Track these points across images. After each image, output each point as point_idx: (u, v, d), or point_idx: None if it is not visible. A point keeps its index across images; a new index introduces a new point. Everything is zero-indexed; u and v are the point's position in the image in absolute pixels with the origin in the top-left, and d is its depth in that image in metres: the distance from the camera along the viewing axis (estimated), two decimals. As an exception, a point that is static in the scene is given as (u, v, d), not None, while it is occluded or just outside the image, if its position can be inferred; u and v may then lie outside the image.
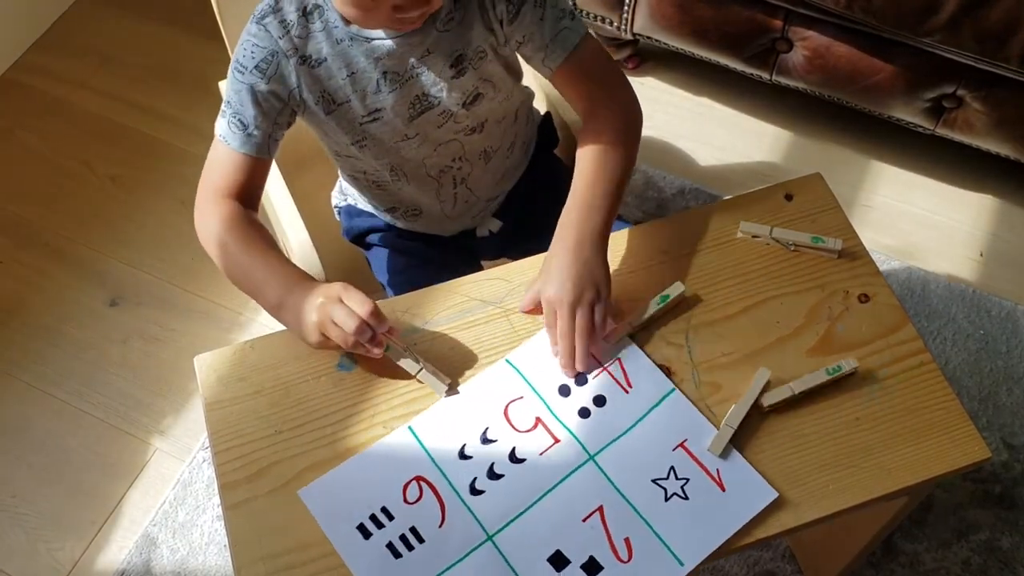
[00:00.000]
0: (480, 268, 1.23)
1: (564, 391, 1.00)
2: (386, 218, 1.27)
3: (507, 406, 0.99)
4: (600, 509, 0.92)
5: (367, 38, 1.03)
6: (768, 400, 0.98)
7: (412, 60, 1.05)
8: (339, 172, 1.26)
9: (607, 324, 1.01)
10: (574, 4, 1.85)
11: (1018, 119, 1.65)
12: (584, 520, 0.92)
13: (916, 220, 1.83)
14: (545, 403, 0.99)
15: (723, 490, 0.93)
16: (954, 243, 1.80)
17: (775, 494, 0.92)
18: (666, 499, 0.93)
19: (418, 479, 0.95)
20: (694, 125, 1.96)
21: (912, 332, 1.04)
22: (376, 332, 0.96)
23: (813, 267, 1.08)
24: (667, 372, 1.01)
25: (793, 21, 1.68)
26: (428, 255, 1.27)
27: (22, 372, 1.69)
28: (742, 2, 1.69)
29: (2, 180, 1.93)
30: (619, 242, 1.11)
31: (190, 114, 1.98)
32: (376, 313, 0.95)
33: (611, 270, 1.07)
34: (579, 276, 1.00)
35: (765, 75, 1.80)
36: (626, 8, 1.80)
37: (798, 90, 1.81)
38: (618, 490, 0.93)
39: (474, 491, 0.94)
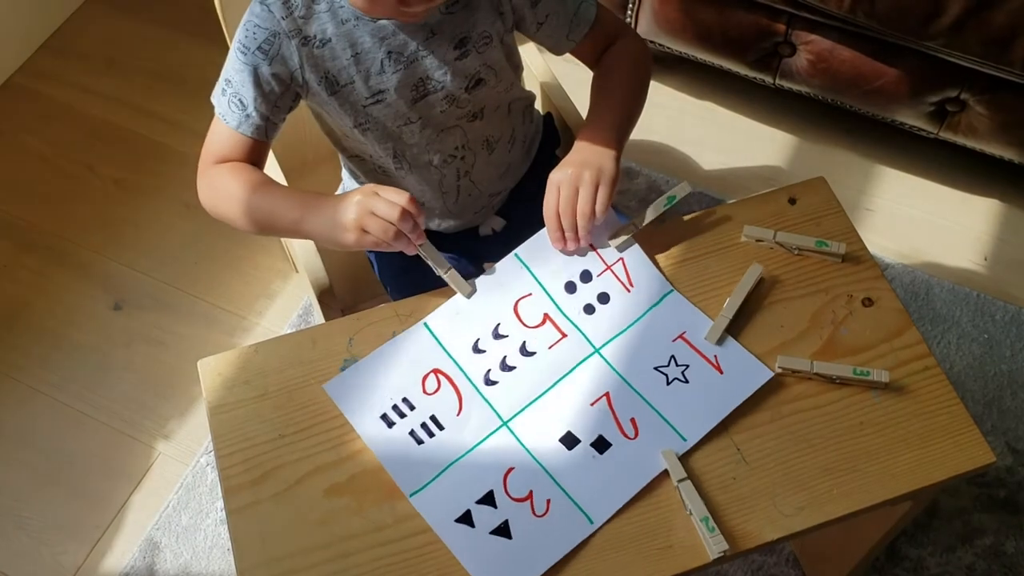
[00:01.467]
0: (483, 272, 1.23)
1: (570, 288, 1.05)
2: None
3: (517, 303, 1.05)
4: (607, 395, 0.99)
5: (373, 18, 1.04)
6: (782, 363, 0.99)
7: (416, 42, 1.05)
8: (342, 161, 1.26)
9: (606, 207, 1.04)
10: None
11: (1022, 123, 1.65)
12: (592, 404, 0.98)
13: (920, 224, 1.83)
14: (552, 300, 1.04)
15: (721, 373, 0.99)
16: (958, 247, 1.80)
17: (771, 374, 0.98)
18: (668, 383, 0.99)
19: (436, 371, 1.01)
20: (697, 129, 1.96)
21: (916, 336, 1.03)
22: (417, 221, 0.99)
23: (817, 271, 1.08)
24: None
25: (796, 25, 1.68)
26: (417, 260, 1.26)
27: (25, 376, 1.69)
28: (745, 6, 1.69)
29: (6, 183, 1.93)
30: (622, 246, 1.11)
31: (194, 118, 1.98)
32: (415, 201, 0.98)
33: (615, 274, 1.07)
34: (584, 160, 1.05)
35: (768, 79, 1.80)
36: (630, 12, 1.80)
37: (801, 94, 1.81)
38: (623, 378, 1.00)
39: (488, 382, 1.00)
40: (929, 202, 1.86)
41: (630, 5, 1.79)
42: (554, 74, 1.39)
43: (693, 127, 1.97)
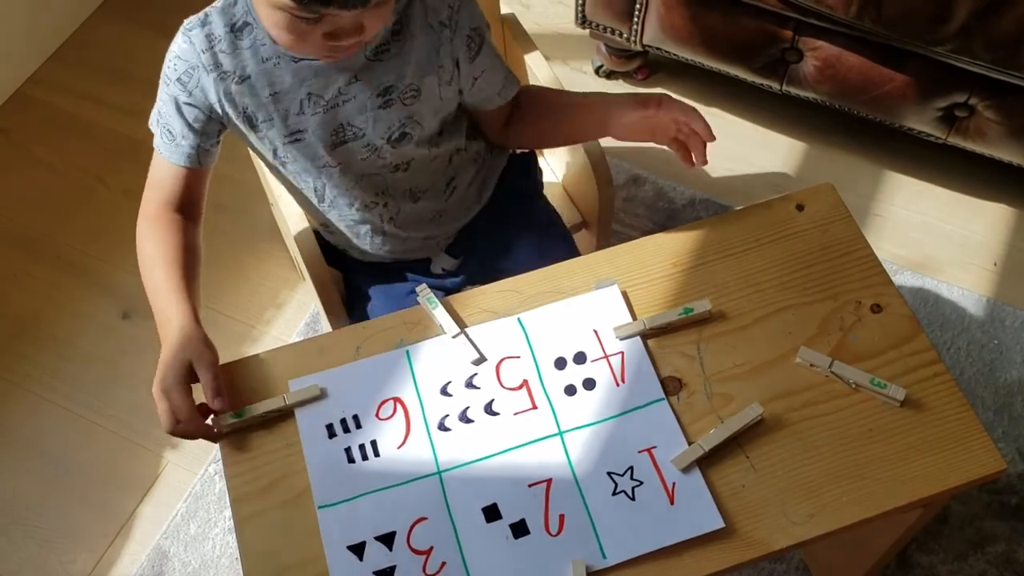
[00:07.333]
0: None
1: (560, 364, 1.02)
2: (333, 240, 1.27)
3: (501, 360, 1.02)
4: (548, 481, 0.95)
5: (294, 58, 1.03)
6: (803, 355, 1.00)
7: (338, 86, 1.05)
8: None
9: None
10: (583, 14, 1.85)
11: (1031, 128, 1.64)
12: (530, 486, 0.95)
13: (929, 230, 1.82)
14: (538, 369, 1.02)
15: (672, 503, 0.93)
16: (967, 252, 1.79)
17: (721, 524, 0.92)
18: (614, 493, 0.94)
19: (396, 400, 1.00)
20: (704, 136, 1.96)
21: (925, 342, 1.03)
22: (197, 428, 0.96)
23: (825, 278, 1.07)
24: (679, 384, 1.01)
25: (803, 31, 1.68)
26: (381, 281, 1.27)
27: (35, 385, 1.70)
28: (751, 12, 1.69)
29: (15, 194, 1.94)
30: (630, 253, 1.11)
31: (202, 128, 1.99)
32: (192, 422, 0.95)
33: (622, 280, 1.08)
34: (650, 97, 1.11)
35: (775, 85, 1.80)
36: (635, 19, 1.80)
37: (809, 100, 1.81)
38: (572, 470, 0.95)
39: (442, 427, 0.98)
40: (938, 208, 1.85)
41: (635, 13, 1.79)
42: (562, 84, 1.38)
43: (700, 134, 1.96)
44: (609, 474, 0.95)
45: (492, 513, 0.93)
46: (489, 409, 0.99)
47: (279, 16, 0.93)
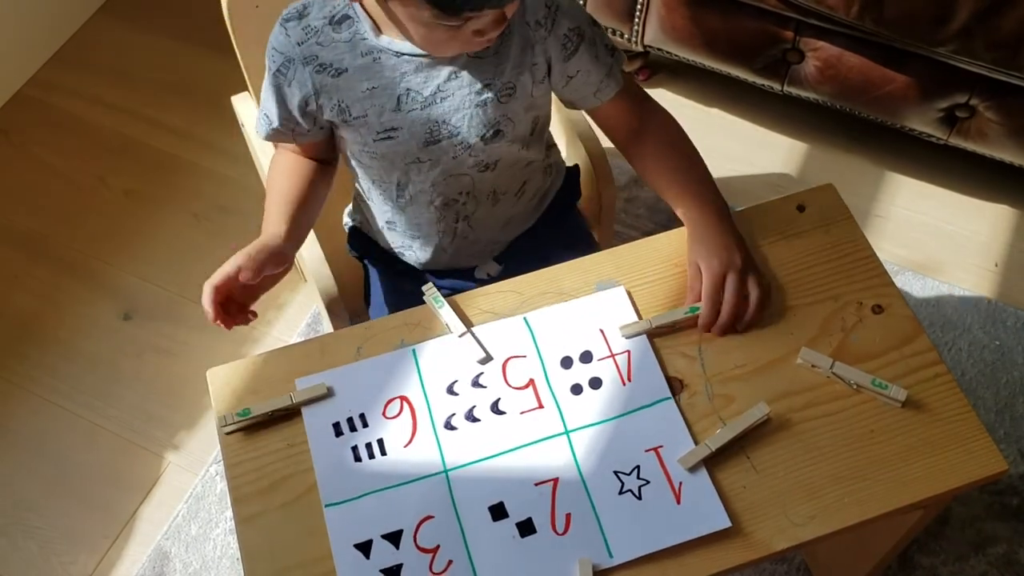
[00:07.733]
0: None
1: (566, 363, 1.02)
2: (386, 240, 1.27)
3: (508, 359, 1.02)
4: (555, 481, 0.95)
5: (397, 52, 1.03)
6: (805, 356, 0.99)
7: (438, 82, 1.04)
8: (353, 176, 1.26)
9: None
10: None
11: (1032, 128, 1.64)
12: (536, 485, 0.94)
13: (930, 230, 1.82)
14: (544, 369, 1.02)
15: (678, 503, 0.93)
16: (969, 253, 1.79)
17: (727, 523, 0.92)
18: (620, 492, 0.94)
19: (402, 398, 1.00)
20: (706, 137, 1.94)
21: (927, 343, 1.03)
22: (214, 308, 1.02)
23: (827, 278, 1.07)
24: (680, 384, 1.01)
25: (804, 32, 1.68)
26: (417, 288, 1.27)
27: (36, 386, 1.70)
28: (752, 13, 1.69)
29: (17, 195, 1.94)
30: (631, 253, 1.11)
31: (203, 129, 1.99)
32: (217, 301, 1.03)
33: (623, 281, 1.08)
34: (734, 244, 1.06)
35: (776, 86, 1.80)
36: (637, 20, 1.80)
37: (810, 101, 1.81)
38: (579, 469, 0.95)
39: (448, 426, 0.98)
40: (939, 208, 1.85)
41: (637, 13, 1.79)
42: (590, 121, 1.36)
43: (701, 135, 1.94)
44: (615, 473, 0.95)
45: (498, 512, 0.93)
46: (495, 408, 0.99)
47: (428, 27, 0.94)
